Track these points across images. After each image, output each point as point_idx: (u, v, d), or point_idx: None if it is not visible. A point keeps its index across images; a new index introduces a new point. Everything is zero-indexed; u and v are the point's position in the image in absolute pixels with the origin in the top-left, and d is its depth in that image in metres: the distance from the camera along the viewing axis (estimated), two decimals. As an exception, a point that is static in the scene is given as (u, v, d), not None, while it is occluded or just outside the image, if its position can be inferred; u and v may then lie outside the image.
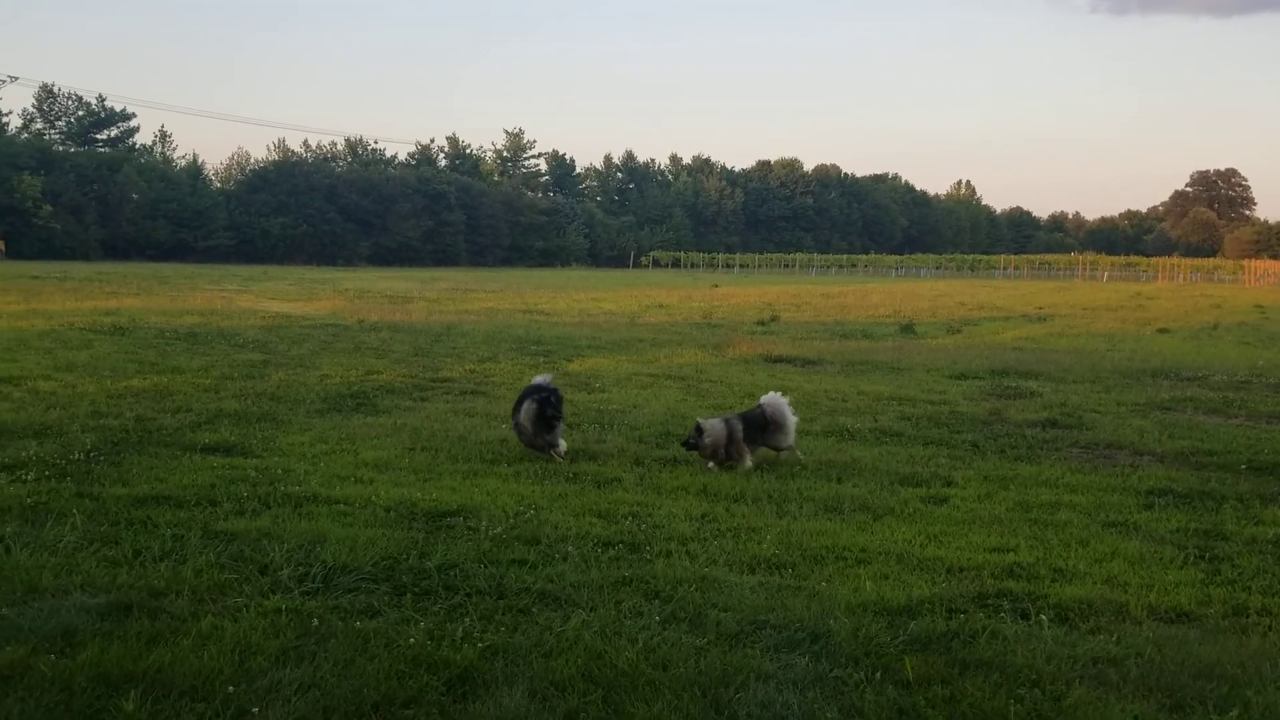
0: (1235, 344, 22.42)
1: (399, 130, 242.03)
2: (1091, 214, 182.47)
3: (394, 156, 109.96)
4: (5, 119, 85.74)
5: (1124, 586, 5.85)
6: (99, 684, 4.22)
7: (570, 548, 6.28)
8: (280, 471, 8.08)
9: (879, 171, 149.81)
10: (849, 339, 22.51)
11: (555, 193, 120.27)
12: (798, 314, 31.63)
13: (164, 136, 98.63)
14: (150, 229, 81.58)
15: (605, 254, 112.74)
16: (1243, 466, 9.16)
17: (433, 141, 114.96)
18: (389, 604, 5.27)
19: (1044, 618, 5.28)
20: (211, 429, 9.82)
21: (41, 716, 3.98)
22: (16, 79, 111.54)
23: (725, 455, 8.88)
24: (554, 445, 9.05)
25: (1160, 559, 6.42)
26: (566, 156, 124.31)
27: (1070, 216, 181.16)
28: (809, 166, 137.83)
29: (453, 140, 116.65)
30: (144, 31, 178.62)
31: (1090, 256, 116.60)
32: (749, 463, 8.90)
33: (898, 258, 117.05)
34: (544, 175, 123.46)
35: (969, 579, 5.92)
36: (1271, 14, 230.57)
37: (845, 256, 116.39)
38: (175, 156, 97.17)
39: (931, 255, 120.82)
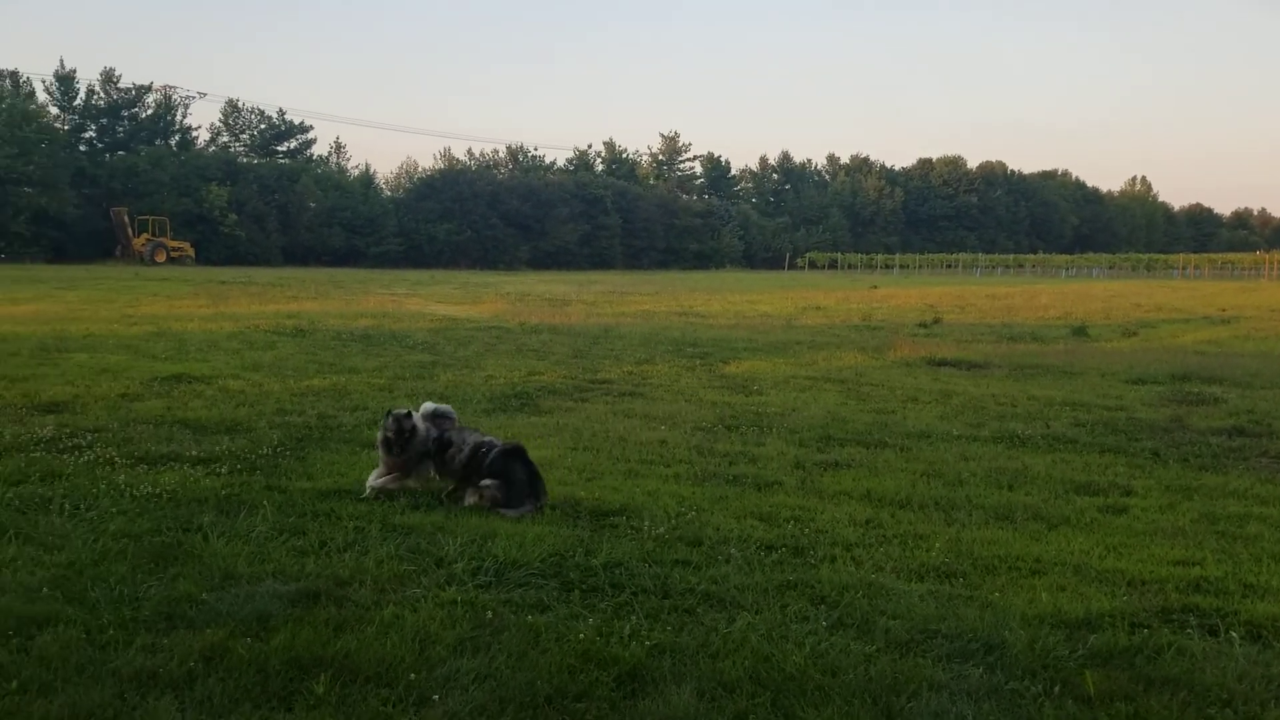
0: None
1: (558, 137, 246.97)
2: (1279, 210, 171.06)
3: (553, 162, 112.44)
4: (195, 133, 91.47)
5: (1325, 606, 5.48)
6: (291, 667, 4.47)
7: (733, 550, 6.30)
8: (451, 469, 8.35)
9: (1047, 168, 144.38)
10: (1016, 341, 21.77)
11: (710, 195, 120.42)
12: (961, 315, 30.77)
13: (339, 147, 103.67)
14: (326, 235, 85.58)
15: (760, 256, 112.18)
16: None
17: (590, 147, 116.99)
18: (558, 599, 5.40)
19: (1234, 635, 5.00)
20: (386, 427, 10.23)
21: (241, 696, 4.24)
22: (205, 95, 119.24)
23: None
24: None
25: (1367, 578, 5.99)
26: (722, 159, 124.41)
27: (1255, 213, 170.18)
28: (973, 164, 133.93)
29: (609, 145, 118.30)
30: (321, 48, 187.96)
31: (1278, 255, 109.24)
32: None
33: (1068, 257, 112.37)
34: (699, 178, 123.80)
35: (1152, 593, 5.65)
36: None
37: (1011, 256, 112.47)
38: (349, 166, 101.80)
39: (1104, 255, 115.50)
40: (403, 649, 4.64)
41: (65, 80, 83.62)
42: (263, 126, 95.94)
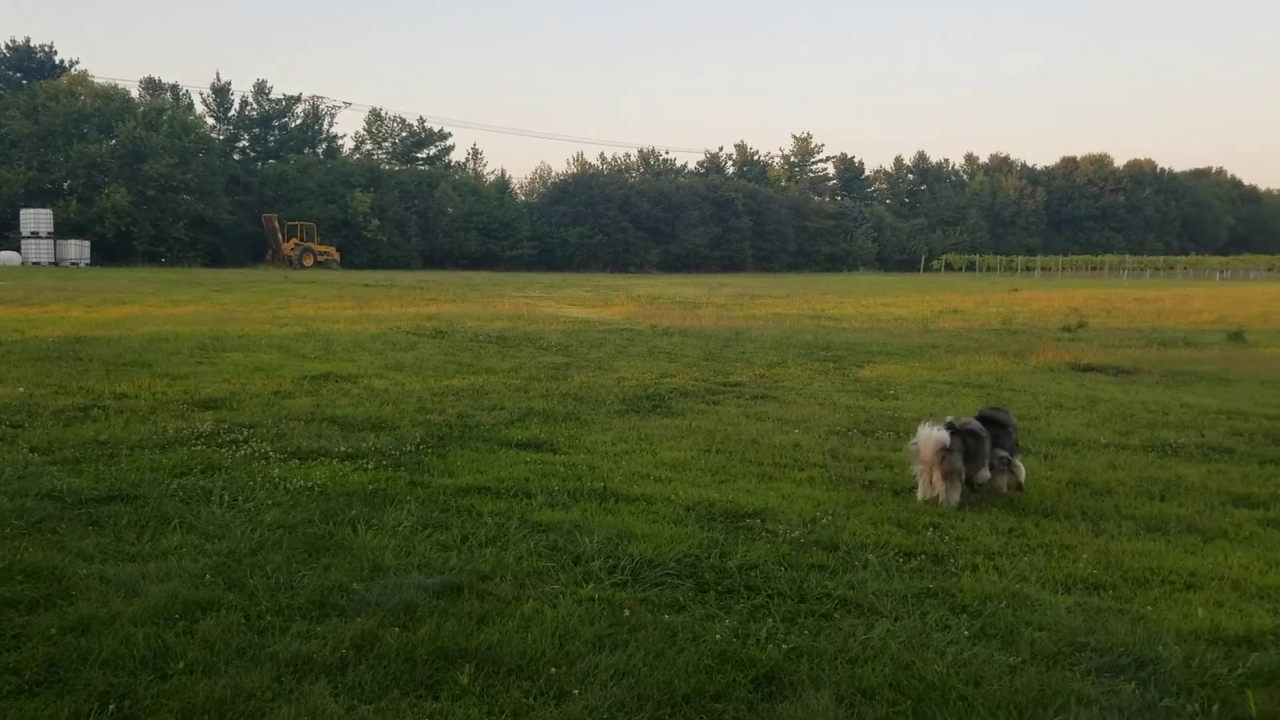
0: None
1: (690, 140, 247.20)
2: None
3: (684, 166, 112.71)
4: (340, 141, 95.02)
5: None
6: (437, 657, 4.61)
7: (870, 555, 6.21)
8: (585, 468, 8.49)
9: (1200, 166, 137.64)
10: (1168, 347, 20.84)
11: (843, 196, 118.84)
12: (1108, 319, 29.61)
13: (475, 154, 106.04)
14: (463, 240, 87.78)
15: (894, 258, 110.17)
16: None
17: (721, 150, 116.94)
18: (693, 600, 5.42)
19: None
20: (523, 426, 10.45)
21: (390, 683, 4.40)
22: (350, 104, 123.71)
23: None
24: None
25: None
26: (855, 159, 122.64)
27: None
28: (1119, 162, 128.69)
29: (741, 148, 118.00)
30: (459, 57, 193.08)
31: None
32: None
33: (1222, 259, 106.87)
34: (831, 179, 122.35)
35: (1320, 612, 5.35)
36: None
37: (1161, 258, 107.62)
38: (485, 172, 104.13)
39: (1263, 256, 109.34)
40: (543, 643, 4.73)
41: (220, 92, 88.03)
42: (404, 134, 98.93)
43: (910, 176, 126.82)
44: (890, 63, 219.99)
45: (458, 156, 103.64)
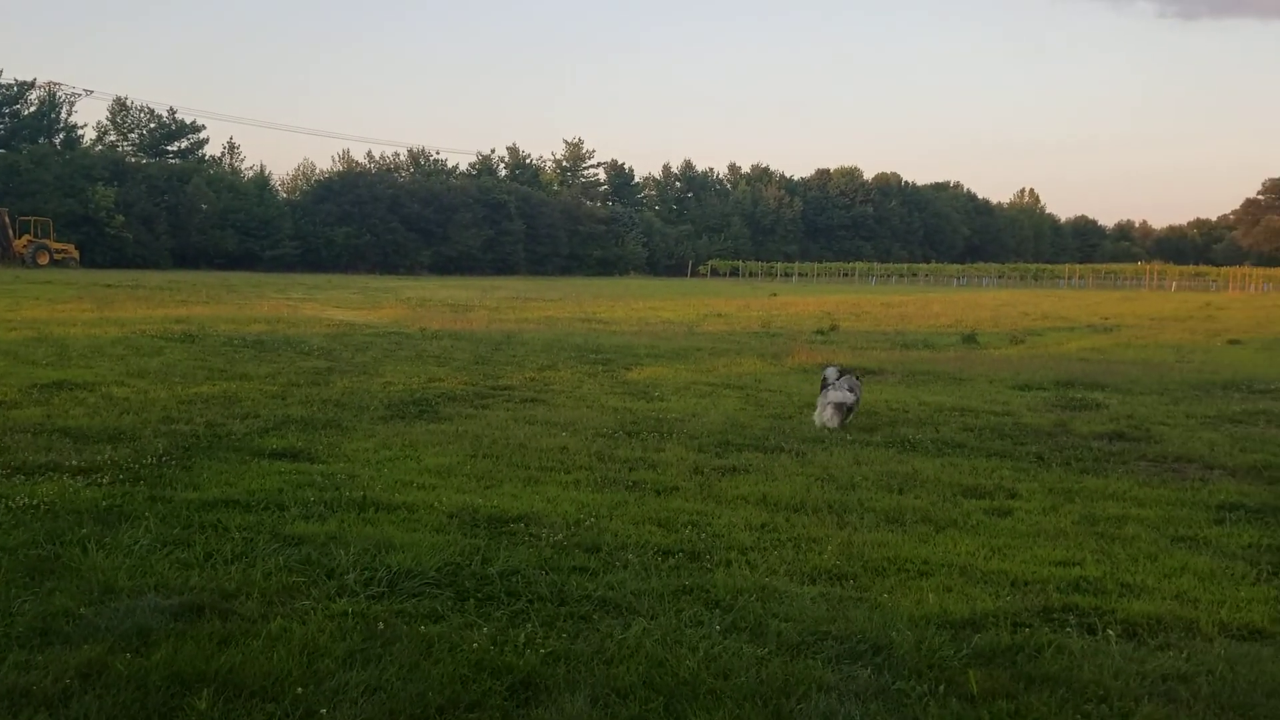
0: (1311, 355, 21.85)
1: (461, 141, 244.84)
2: (1159, 222, 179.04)
3: (455, 167, 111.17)
4: (80, 132, 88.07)
5: (1194, 603, 5.74)
6: (173, 683, 4.33)
7: (630, 555, 6.31)
8: (345, 477, 8.22)
9: (940, 180, 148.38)
10: (910, 349, 22.31)
11: (614, 202, 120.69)
12: (857, 323, 31.41)
13: (232, 148, 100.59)
14: (219, 238, 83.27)
15: (663, 263, 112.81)
16: (1319, 481, 8.93)
17: (493, 152, 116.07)
18: (453, 609, 5.34)
19: (1111, 633, 5.19)
20: (279, 435, 10.01)
21: (118, 714, 4.09)
22: (91, 92, 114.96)
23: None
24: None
25: (1232, 575, 6.29)
26: (625, 166, 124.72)
27: (1137, 225, 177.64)
28: (869, 175, 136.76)
29: (513, 150, 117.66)
30: (214, 45, 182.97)
31: (1158, 266, 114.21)
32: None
33: (959, 267, 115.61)
34: (603, 185, 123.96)
35: (1034, 593, 5.84)
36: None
37: (906, 265, 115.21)
38: (243, 168, 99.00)
39: (994, 264, 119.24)
40: (290, 662, 4.53)
41: (-61, 74, 79.80)
42: (152, 126, 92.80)
43: (678, 184, 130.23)
44: (658, 72, 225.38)
45: (213, 150, 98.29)
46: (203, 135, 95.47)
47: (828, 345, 22.59)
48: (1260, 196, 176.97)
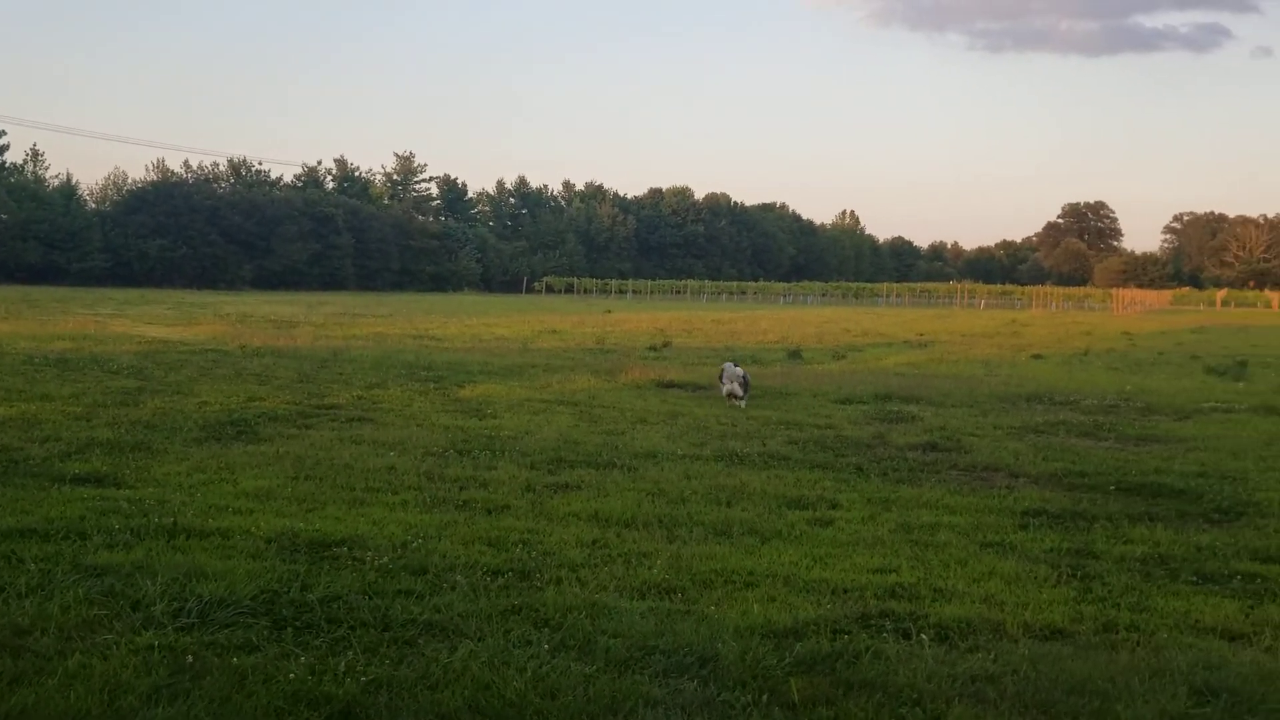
0: (1105, 369, 23.43)
1: (285, 152, 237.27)
2: (969, 244, 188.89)
3: (279, 178, 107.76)
4: None
5: (1001, 605, 6.03)
6: (-47, 730, 3.99)
7: (459, 577, 6.20)
8: (154, 503, 7.80)
9: (767, 201, 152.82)
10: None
11: (447, 217, 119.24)
12: (689, 340, 31.93)
13: (36, 155, 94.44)
14: (20, 250, 78.08)
15: (498, 279, 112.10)
16: (1111, 487, 9.55)
17: (320, 163, 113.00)
18: (268, 639, 5.11)
19: (925, 637, 5.40)
20: (82, 458, 9.42)
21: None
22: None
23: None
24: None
25: (1035, 577, 6.64)
26: (458, 181, 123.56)
27: (949, 246, 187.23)
28: (699, 195, 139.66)
29: (341, 162, 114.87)
30: (14, 44, 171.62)
31: (968, 285, 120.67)
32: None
33: (786, 285, 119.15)
34: (435, 199, 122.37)
35: (853, 600, 6.03)
36: (1133, 54, 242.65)
37: (735, 283, 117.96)
38: (48, 176, 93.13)
39: (818, 283, 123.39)
40: (89, 701, 4.24)
41: None
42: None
43: (512, 200, 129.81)
44: (491, 87, 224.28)
45: (14, 157, 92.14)
46: (3, 141, 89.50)
47: (661, 361, 22.86)
48: (1060, 220, 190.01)
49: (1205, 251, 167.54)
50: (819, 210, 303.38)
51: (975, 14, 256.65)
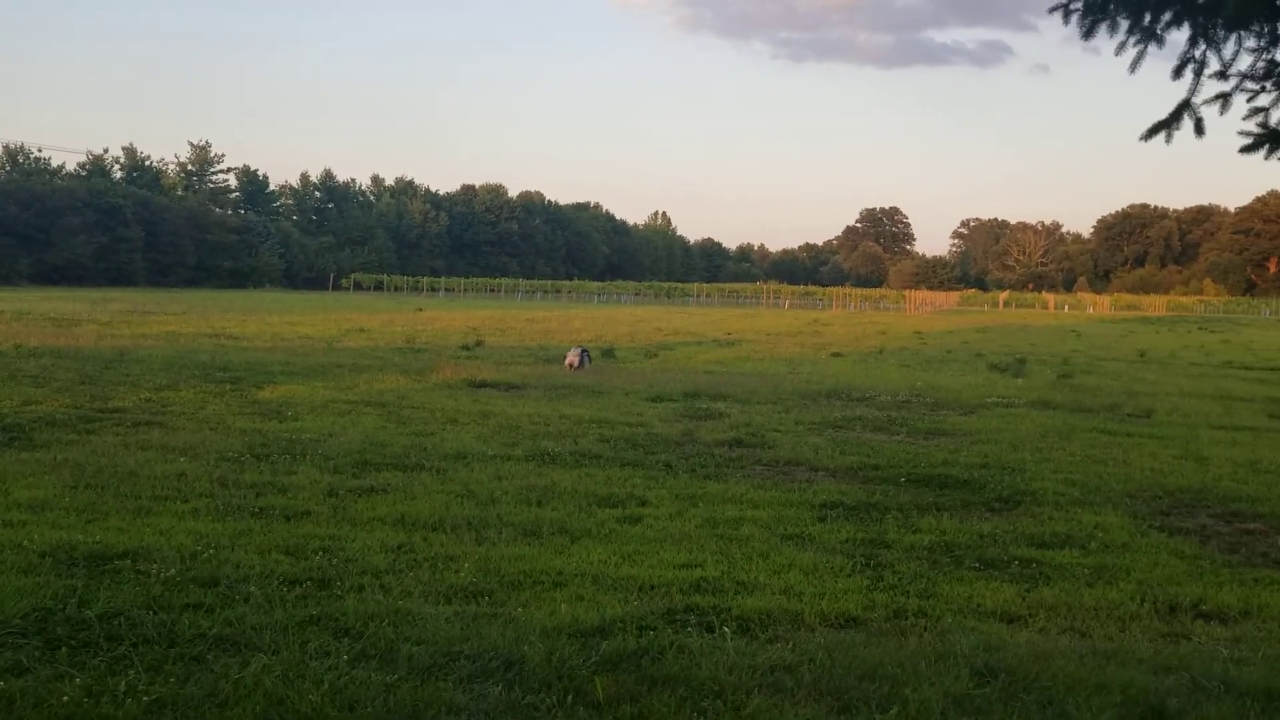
0: (898, 366, 24.64)
1: (67, 139, 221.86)
2: (775, 246, 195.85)
3: (61, 166, 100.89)
4: None
5: (799, 596, 6.24)
6: None
7: (253, 588, 5.93)
8: (-90, 517, 7.13)
9: (582, 200, 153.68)
10: (553, 363, 22.78)
11: (247, 210, 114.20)
12: (503, 339, 31.70)
13: None
14: None
15: (302, 275, 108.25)
16: (903, 479, 10.04)
17: (106, 151, 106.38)
18: (41, 660, 4.75)
19: (727, 630, 5.52)
20: None
21: None
22: None
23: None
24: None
25: (831, 568, 6.90)
26: (260, 173, 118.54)
27: (756, 248, 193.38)
28: (514, 193, 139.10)
29: (130, 151, 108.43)
30: None
31: (773, 286, 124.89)
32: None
33: (600, 284, 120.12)
34: (234, 192, 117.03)
35: (659, 596, 6.11)
36: (925, 67, 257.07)
37: (550, 282, 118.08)
38: None
39: (631, 282, 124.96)
40: None
41: None
42: None
43: (318, 194, 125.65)
44: (292, 74, 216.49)
45: None
46: None
47: (473, 360, 22.59)
48: (858, 224, 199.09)
49: (989, 256, 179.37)
50: (632, 211, 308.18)
51: (778, 24, 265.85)
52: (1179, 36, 5.55)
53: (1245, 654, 5.49)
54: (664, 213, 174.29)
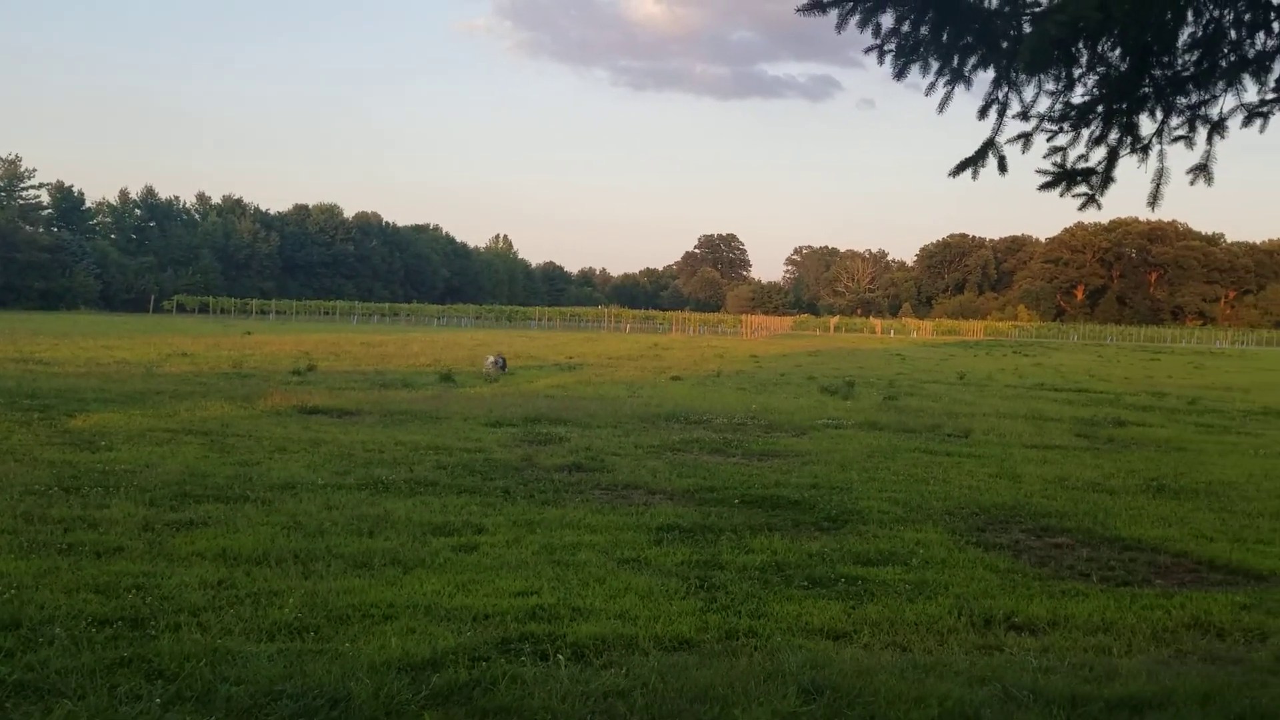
0: (734, 390, 25.15)
1: None
2: (616, 270, 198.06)
3: None
4: None
5: (634, 620, 6.27)
6: None
7: (58, 629, 5.57)
8: None
9: (420, 222, 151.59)
10: (389, 388, 22.30)
11: (60, 228, 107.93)
12: (337, 363, 30.83)
13: None
14: None
15: (121, 297, 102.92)
16: (737, 501, 10.24)
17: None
18: None
19: (562, 658, 5.50)
20: None
21: None
22: None
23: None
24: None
25: (667, 591, 6.97)
26: (75, 189, 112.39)
27: (598, 272, 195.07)
28: (349, 213, 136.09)
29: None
30: None
31: (615, 310, 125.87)
32: None
33: (439, 307, 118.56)
34: (46, 209, 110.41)
35: (494, 625, 6.03)
36: (760, 99, 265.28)
37: (387, 305, 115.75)
38: None
39: (472, 305, 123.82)
40: None
41: None
42: None
43: (138, 211, 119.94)
44: (113, 90, 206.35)
45: None
46: None
47: (305, 386, 21.89)
48: (697, 250, 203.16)
49: (821, 282, 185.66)
50: (473, 234, 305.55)
51: (618, 51, 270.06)
52: (985, 77, 5.88)
53: (1053, 663, 5.81)
54: (505, 235, 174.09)
